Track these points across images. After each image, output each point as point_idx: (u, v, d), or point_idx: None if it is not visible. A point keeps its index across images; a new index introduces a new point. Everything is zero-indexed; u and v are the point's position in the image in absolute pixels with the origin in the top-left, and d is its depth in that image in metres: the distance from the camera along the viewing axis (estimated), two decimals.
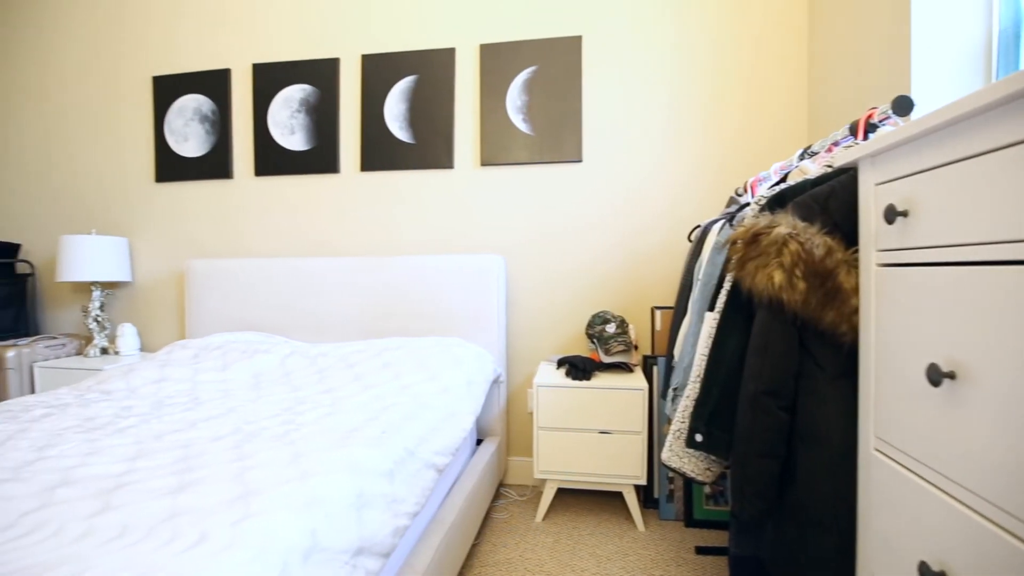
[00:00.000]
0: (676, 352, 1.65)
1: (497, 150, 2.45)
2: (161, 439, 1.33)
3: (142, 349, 2.86)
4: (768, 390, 0.98)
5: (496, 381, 2.25)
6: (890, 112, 1.07)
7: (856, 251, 0.93)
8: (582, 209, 2.41)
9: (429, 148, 2.50)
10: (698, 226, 1.97)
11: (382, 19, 2.55)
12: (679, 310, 1.71)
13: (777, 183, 1.31)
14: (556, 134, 2.39)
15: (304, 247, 2.68)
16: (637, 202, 2.37)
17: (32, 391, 2.57)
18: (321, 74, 2.60)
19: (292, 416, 1.49)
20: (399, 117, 2.52)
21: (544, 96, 2.39)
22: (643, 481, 2.01)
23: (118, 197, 2.90)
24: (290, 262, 2.52)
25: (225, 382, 1.91)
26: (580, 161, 2.39)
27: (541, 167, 2.44)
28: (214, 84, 2.73)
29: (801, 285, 0.92)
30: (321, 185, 2.64)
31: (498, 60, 2.43)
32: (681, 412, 1.22)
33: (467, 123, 2.49)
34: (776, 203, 1.08)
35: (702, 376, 1.16)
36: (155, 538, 0.84)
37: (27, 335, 2.91)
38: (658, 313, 2.23)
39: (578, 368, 2.07)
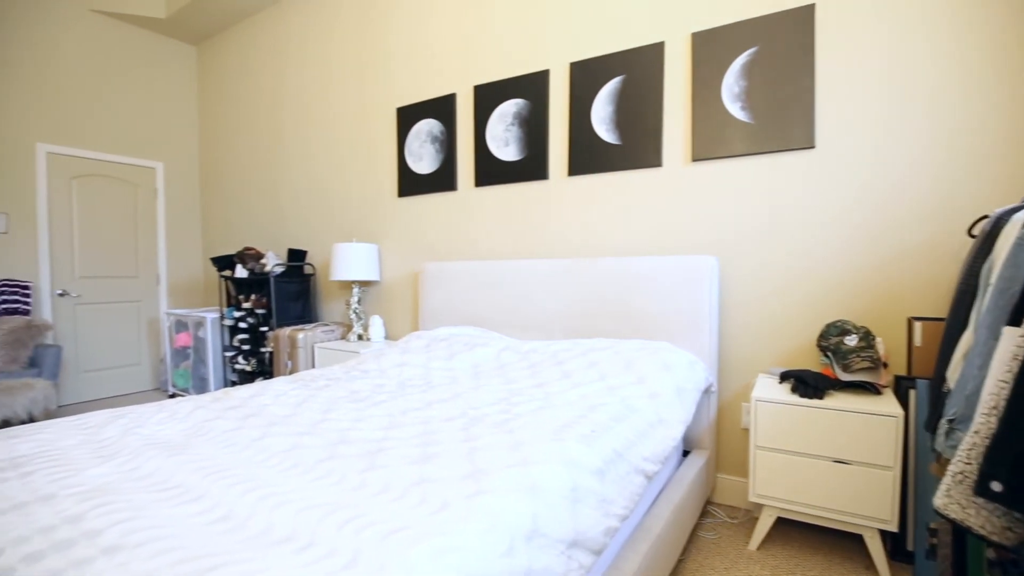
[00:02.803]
0: (951, 375, 1.32)
1: (710, 143, 2.29)
2: (406, 415, 1.56)
3: (386, 337, 3.42)
4: None
5: (707, 391, 2.10)
6: None
7: None
8: (814, 202, 2.11)
9: (636, 147, 2.47)
10: (985, 217, 1.55)
11: (588, 25, 2.60)
12: (955, 322, 1.37)
13: None
14: (781, 120, 2.13)
15: (516, 250, 2.88)
16: (890, 191, 1.97)
17: (313, 366, 3.26)
18: (532, 87, 2.77)
19: (508, 406, 1.61)
20: (606, 119, 2.54)
21: (766, 79, 2.16)
22: (893, 527, 1.67)
23: (371, 211, 3.51)
24: (503, 264, 2.73)
25: (451, 370, 2.16)
26: (812, 147, 2.09)
27: (762, 157, 2.20)
28: (443, 108, 3.12)
29: None
30: (531, 191, 2.81)
31: (712, 47, 2.27)
32: (965, 451, 0.97)
33: (676, 118, 2.38)
34: None
35: (1003, 409, 0.90)
36: (409, 498, 0.98)
37: (310, 322, 3.71)
38: (918, 325, 1.83)
39: (808, 384, 1.81)
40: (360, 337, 3.32)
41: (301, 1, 3.90)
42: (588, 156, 2.60)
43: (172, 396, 4.32)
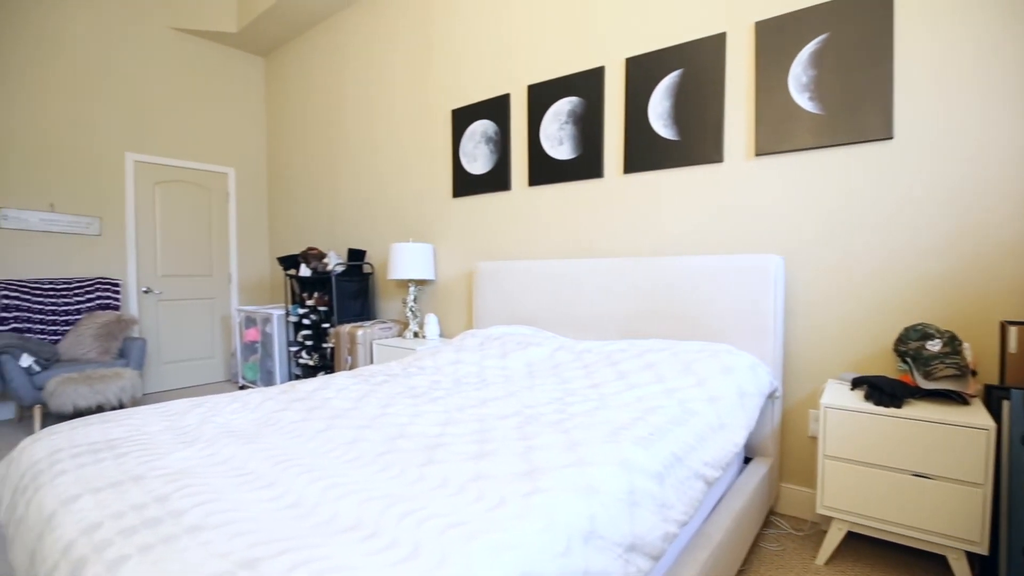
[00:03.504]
0: None
1: (775, 137, 2.19)
2: (462, 411, 1.58)
3: (441, 335, 3.48)
4: None
5: (771, 396, 2.01)
6: None
7: None
8: (891, 196, 1.97)
9: (695, 143, 2.39)
10: None
11: (645, 19, 2.54)
12: None
13: None
14: (854, 109, 2.01)
15: (570, 249, 2.86)
16: (978, 182, 1.82)
17: (372, 361, 3.37)
18: (587, 84, 2.74)
19: (563, 406, 1.60)
20: (663, 115, 2.48)
21: (838, 67, 2.04)
22: (982, 549, 1.54)
23: (427, 211, 3.59)
24: (556, 264, 2.72)
25: (505, 368, 2.17)
26: (889, 138, 1.96)
27: (833, 150, 2.08)
28: (496, 109, 3.14)
29: None
30: (586, 190, 2.78)
31: (777, 36, 2.17)
32: None
33: (739, 111, 2.29)
34: None
35: None
36: (466, 494, 1.00)
37: (368, 319, 3.84)
38: (1013, 329, 1.67)
39: (883, 392, 1.70)
40: (416, 335, 3.40)
41: (360, 10, 4.03)
42: (645, 153, 2.55)
43: (242, 387, 4.58)
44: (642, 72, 2.54)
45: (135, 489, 1.05)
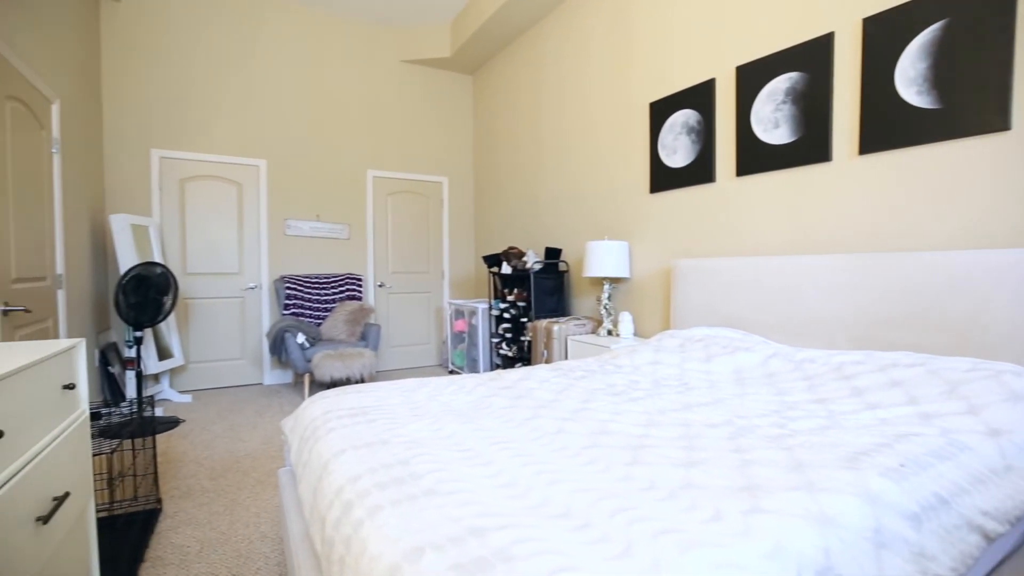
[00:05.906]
0: None
1: None
2: (664, 414, 1.53)
3: (635, 334, 3.42)
4: None
5: None
6: None
7: None
8: None
9: (964, 111, 1.91)
10: None
11: None
12: None
13: None
14: None
15: (785, 245, 2.55)
16: None
17: (566, 356, 3.47)
18: (809, 56, 2.40)
19: (783, 420, 1.43)
20: (916, 80, 2.04)
21: None
22: None
23: (623, 208, 3.56)
24: (770, 260, 2.44)
25: (709, 373, 2.03)
26: None
27: None
28: (699, 97, 2.95)
29: None
30: (807, 177, 2.44)
31: None
32: None
33: None
34: None
35: None
36: (677, 501, 0.96)
37: (563, 315, 3.96)
38: None
39: None
40: (610, 332, 3.40)
41: (556, 17, 4.17)
42: (889, 128, 2.13)
43: (451, 372, 5.14)
44: (885, 31, 2.13)
45: (383, 451, 1.24)
